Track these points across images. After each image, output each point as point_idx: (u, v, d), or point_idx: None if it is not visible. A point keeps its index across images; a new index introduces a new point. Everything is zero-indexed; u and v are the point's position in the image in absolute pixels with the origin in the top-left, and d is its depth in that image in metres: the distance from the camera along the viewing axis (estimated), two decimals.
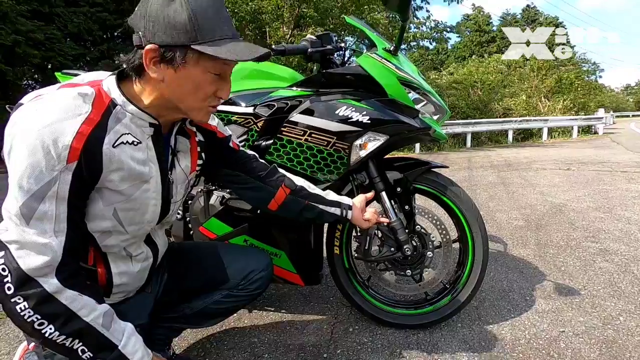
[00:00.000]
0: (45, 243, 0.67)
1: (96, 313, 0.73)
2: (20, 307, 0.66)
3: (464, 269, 1.38)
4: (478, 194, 3.82)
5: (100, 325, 0.73)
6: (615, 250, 2.15)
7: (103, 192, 0.74)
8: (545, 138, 11.61)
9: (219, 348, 1.33)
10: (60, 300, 0.68)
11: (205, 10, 0.70)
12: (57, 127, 0.65)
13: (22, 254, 0.66)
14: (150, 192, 0.81)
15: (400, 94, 1.22)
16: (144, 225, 0.85)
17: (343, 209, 1.13)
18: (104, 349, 0.74)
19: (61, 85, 0.73)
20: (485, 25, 37.34)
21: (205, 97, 0.77)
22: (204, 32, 0.70)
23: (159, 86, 0.75)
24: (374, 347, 1.32)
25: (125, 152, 0.74)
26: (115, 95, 0.74)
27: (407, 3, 1.07)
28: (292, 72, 1.48)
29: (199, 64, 0.72)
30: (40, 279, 0.67)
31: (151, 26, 0.69)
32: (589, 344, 1.30)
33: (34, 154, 0.64)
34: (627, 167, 5.19)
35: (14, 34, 7.46)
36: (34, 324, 0.67)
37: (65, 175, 0.67)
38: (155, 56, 0.70)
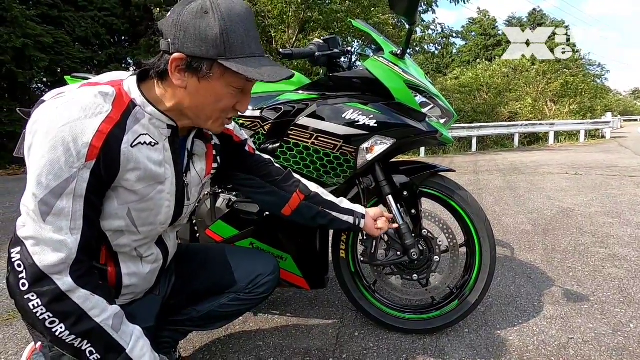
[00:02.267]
0: (61, 240, 0.67)
1: (107, 314, 0.73)
2: (33, 303, 0.67)
3: (471, 274, 1.37)
4: (484, 198, 3.80)
5: (110, 327, 0.73)
6: (625, 256, 2.12)
7: (119, 191, 0.75)
8: (552, 142, 11.52)
9: (225, 351, 1.33)
10: (72, 299, 0.68)
11: (236, 27, 0.72)
12: (77, 124, 0.66)
13: (37, 250, 0.67)
14: (164, 193, 0.82)
15: (407, 97, 1.22)
16: (156, 227, 0.85)
17: (356, 217, 1.14)
18: (112, 351, 0.74)
19: (82, 84, 0.74)
20: (490, 29, 37.25)
21: (224, 109, 0.79)
22: (233, 48, 0.71)
23: (180, 93, 0.76)
24: (380, 351, 1.31)
25: (143, 153, 0.75)
26: (136, 95, 0.76)
27: (414, 7, 1.07)
28: (299, 75, 1.48)
29: (223, 78, 0.74)
30: (54, 276, 0.67)
31: (182, 35, 0.70)
32: (598, 351, 1.28)
33: (54, 150, 0.65)
34: (635, 172, 5.13)
35: (23, 37, 7.57)
36: (45, 321, 0.68)
37: (83, 173, 0.67)
38: (180, 64, 0.72)
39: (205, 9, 0.70)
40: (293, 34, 9.93)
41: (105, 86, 0.73)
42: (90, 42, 10.17)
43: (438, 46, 16.49)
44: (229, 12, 0.71)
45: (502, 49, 34.53)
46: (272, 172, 1.09)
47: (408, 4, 1.05)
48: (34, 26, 7.95)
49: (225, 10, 0.71)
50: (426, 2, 12.12)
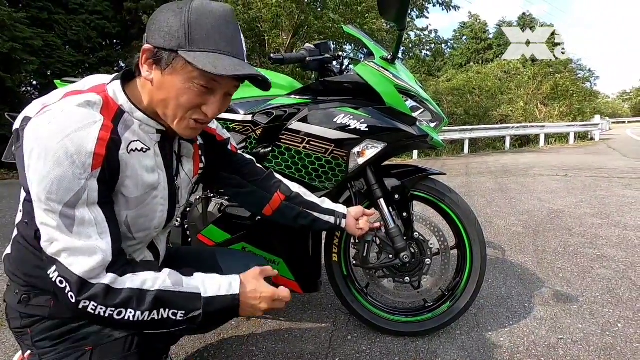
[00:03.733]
0: (94, 245, 0.68)
1: (160, 279, 0.73)
2: (90, 308, 0.67)
3: (462, 276, 1.38)
4: (476, 200, 3.83)
5: (172, 285, 0.73)
6: (613, 257, 2.15)
7: (118, 197, 0.75)
8: (543, 144, 11.68)
9: (217, 356, 1.32)
10: (120, 287, 0.69)
11: (203, 21, 0.70)
12: (77, 135, 0.66)
13: (73, 261, 0.67)
14: (158, 198, 0.82)
15: (397, 101, 1.23)
16: (151, 232, 0.85)
17: (337, 217, 1.14)
18: (191, 302, 0.74)
19: (65, 94, 0.73)
20: (481, 32, 37.75)
21: (187, 106, 0.74)
22: (195, 40, 0.69)
23: (148, 88, 0.75)
24: (373, 355, 1.32)
25: (136, 160, 0.75)
26: (123, 101, 0.75)
27: (403, 12, 1.09)
28: (291, 80, 1.49)
29: (184, 72, 0.71)
30: (94, 280, 0.67)
31: (152, 27, 0.71)
32: (587, 351, 1.30)
33: (59, 166, 0.64)
34: (623, 173, 5.22)
35: (11, 41, 7.46)
36: (112, 316, 0.68)
37: (92, 183, 0.67)
38: (149, 56, 0.72)
39: (180, 5, 0.70)
40: (287, 37, 9.95)
41: (89, 94, 0.72)
42: (81, 45, 10.08)
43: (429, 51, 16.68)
44: (199, 8, 0.70)
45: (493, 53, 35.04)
46: (253, 172, 1.09)
47: (398, 10, 1.07)
48: (23, 29, 7.85)
49: (197, 7, 0.70)
50: (418, 9, 12.26)
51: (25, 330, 0.81)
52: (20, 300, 0.80)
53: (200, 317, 0.74)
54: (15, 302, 0.81)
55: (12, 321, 0.83)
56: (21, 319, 0.81)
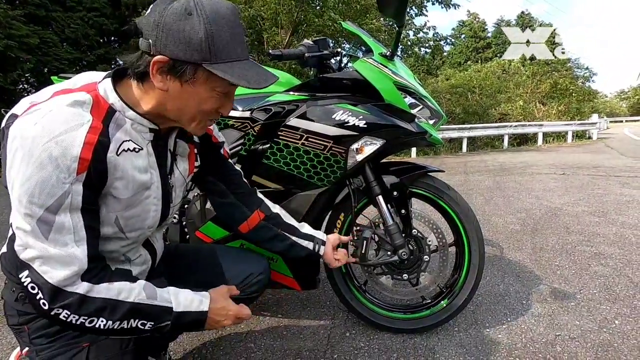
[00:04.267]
0: (69, 254, 0.66)
1: (136, 290, 0.74)
2: (63, 316, 0.67)
3: (460, 273, 1.39)
4: (474, 198, 3.84)
5: (146, 298, 0.74)
6: (610, 254, 2.16)
7: (107, 199, 0.74)
8: (541, 143, 11.70)
9: (215, 353, 1.32)
10: (95, 296, 0.69)
11: (222, 30, 0.69)
12: (63, 139, 0.64)
13: (47, 269, 0.65)
14: (151, 198, 0.81)
15: (396, 98, 1.23)
16: (144, 231, 0.84)
17: (316, 244, 1.11)
18: (162, 315, 0.76)
19: (54, 93, 0.71)
20: (480, 31, 37.75)
21: (206, 112, 0.77)
22: (218, 53, 0.69)
23: (161, 96, 0.74)
24: (371, 351, 1.32)
25: (128, 160, 0.74)
26: (114, 100, 0.73)
27: (402, 9, 1.08)
28: (289, 76, 1.49)
29: (207, 83, 0.72)
30: (69, 288, 0.67)
31: (164, 37, 0.67)
32: (584, 348, 1.30)
33: (42, 168, 0.63)
34: (621, 172, 5.24)
35: (6, 38, 7.39)
36: (84, 324, 0.69)
37: (76, 187, 0.66)
38: (162, 67, 0.69)
39: (189, 9, 0.67)
40: (286, 35, 9.92)
41: (79, 93, 0.70)
42: (79, 42, 10.02)
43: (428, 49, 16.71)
44: (214, 15, 0.68)
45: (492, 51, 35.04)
46: (239, 184, 1.07)
47: (397, 6, 1.07)
48: (19, 26, 7.78)
49: (210, 13, 0.68)
50: (417, 6, 12.24)
51: (22, 328, 0.81)
52: (17, 298, 0.80)
53: (167, 328, 0.77)
54: (12, 299, 0.80)
55: (10, 318, 0.83)
56: (18, 317, 0.81)
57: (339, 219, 1.40)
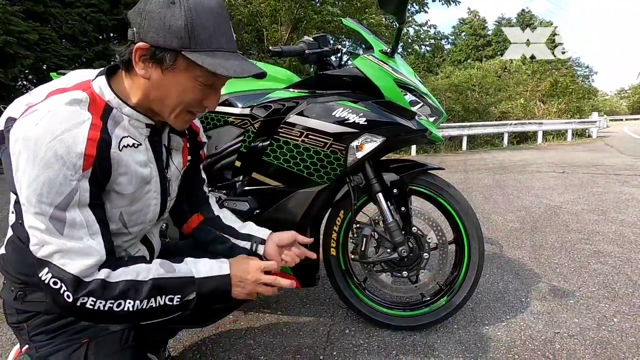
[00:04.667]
0: (87, 246, 0.67)
1: (153, 268, 0.75)
2: (89, 304, 0.67)
3: (460, 271, 1.39)
4: (474, 196, 3.84)
5: (165, 273, 0.75)
6: (609, 252, 2.17)
7: (111, 195, 0.74)
8: (540, 141, 11.70)
9: (215, 350, 1.33)
10: (116, 280, 0.70)
11: (203, 20, 0.69)
12: (66, 137, 0.64)
13: (66, 261, 0.66)
14: (152, 192, 0.83)
15: (396, 95, 1.22)
16: (145, 225, 0.85)
17: (253, 243, 1.03)
18: (186, 286, 0.76)
19: (49, 93, 0.71)
20: (480, 29, 37.65)
21: (189, 103, 0.76)
22: (198, 41, 0.69)
23: (144, 84, 0.74)
24: (370, 348, 1.32)
25: (129, 156, 0.74)
26: (110, 97, 0.73)
27: (403, 6, 1.08)
28: (289, 73, 1.48)
29: (188, 71, 0.72)
30: (88, 277, 0.67)
31: (146, 24, 0.68)
32: (583, 345, 1.31)
33: (49, 167, 0.63)
34: (620, 170, 5.25)
35: (5, 34, 7.36)
36: (112, 308, 0.69)
37: (83, 184, 0.67)
38: (144, 54, 0.70)
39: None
40: (285, 31, 9.88)
41: (75, 92, 0.70)
42: (77, 39, 9.97)
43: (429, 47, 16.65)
44: (196, 4, 0.69)
45: (492, 49, 34.97)
46: (198, 188, 1.05)
47: (397, 3, 1.06)
48: (18, 22, 7.74)
49: (192, 2, 0.69)
50: (418, 3, 12.19)
51: (21, 325, 0.82)
52: (16, 297, 0.80)
53: (194, 301, 0.76)
54: (11, 298, 0.81)
55: (9, 317, 0.83)
56: (17, 315, 0.81)
57: (338, 216, 1.40)
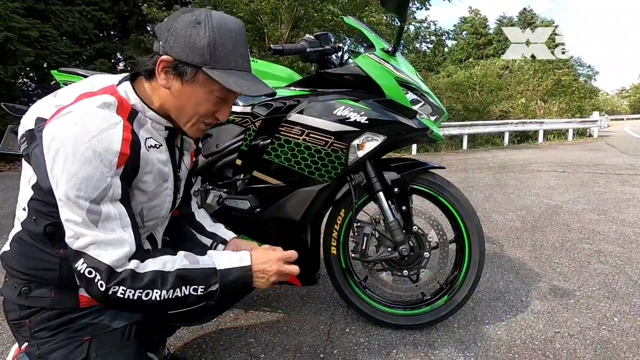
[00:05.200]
0: (119, 238, 0.72)
1: (178, 260, 0.80)
2: (120, 293, 0.72)
3: (460, 270, 1.39)
4: (474, 195, 3.84)
5: (189, 264, 0.80)
6: (610, 252, 2.17)
7: (133, 192, 0.80)
8: (541, 140, 11.69)
9: (215, 348, 1.33)
10: (144, 271, 0.75)
11: (225, 41, 0.76)
12: (104, 136, 0.70)
13: (100, 252, 0.71)
14: (168, 189, 0.89)
15: (398, 94, 1.22)
16: (158, 220, 0.91)
17: (215, 241, 1.09)
18: (209, 277, 0.80)
19: (79, 96, 0.76)
20: (482, 28, 37.55)
21: (203, 114, 0.83)
22: (218, 59, 0.76)
23: (164, 93, 0.80)
24: (371, 347, 1.32)
25: (154, 155, 0.81)
26: (135, 101, 0.80)
27: (405, 4, 1.07)
28: (290, 71, 1.48)
29: (206, 85, 0.78)
30: (120, 268, 0.72)
31: (172, 40, 0.75)
32: (584, 345, 1.31)
33: (88, 164, 0.69)
34: (621, 170, 5.24)
35: (6, 31, 7.35)
36: (141, 297, 0.73)
37: (115, 180, 0.72)
38: (167, 66, 0.76)
39: (199, 20, 0.75)
40: (286, 30, 9.86)
41: (104, 95, 0.76)
42: (78, 36, 9.96)
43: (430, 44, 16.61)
44: (219, 27, 0.76)
45: (494, 48, 34.88)
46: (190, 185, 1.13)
47: (399, 1, 1.06)
48: (19, 19, 7.73)
49: (217, 25, 0.75)
50: (419, 1, 12.15)
51: (23, 322, 0.82)
52: (20, 292, 0.81)
53: (218, 291, 0.81)
54: (15, 295, 0.81)
55: (10, 313, 0.84)
56: (20, 310, 0.82)
57: (339, 215, 1.40)
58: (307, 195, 1.27)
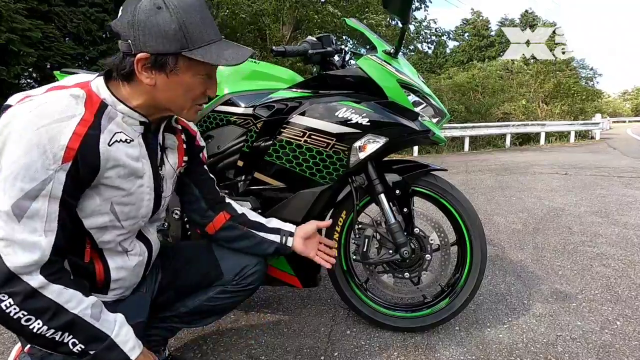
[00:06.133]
0: (35, 241, 0.67)
1: (84, 305, 0.73)
2: (5, 304, 0.66)
3: (462, 272, 1.38)
4: (476, 197, 3.83)
5: (90, 317, 0.73)
6: (612, 255, 2.15)
7: (100, 188, 0.77)
8: (543, 142, 11.66)
9: (216, 349, 1.33)
10: (45, 294, 0.68)
11: (192, 17, 0.74)
12: (53, 127, 0.67)
13: (9, 252, 0.66)
14: (144, 187, 0.85)
15: (399, 96, 1.22)
16: (138, 220, 0.88)
17: (283, 236, 1.09)
18: (96, 340, 0.74)
19: (50, 88, 0.75)
20: (484, 29, 37.55)
21: (195, 97, 0.83)
22: (193, 39, 0.74)
23: (150, 90, 0.78)
24: (372, 349, 1.32)
25: (120, 150, 0.77)
26: (105, 95, 0.77)
27: (407, 6, 1.08)
28: (292, 73, 1.48)
29: (190, 69, 0.77)
30: (24, 276, 0.67)
31: (141, 35, 0.72)
32: (586, 348, 1.30)
33: (30, 153, 0.65)
34: (623, 172, 5.22)
35: (8, 32, 7.37)
36: (20, 320, 0.67)
37: (59, 175, 0.68)
38: (146, 63, 0.74)
39: (157, 4, 0.72)
40: (288, 31, 9.88)
41: (74, 89, 0.74)
42: (81, 38, 10.00)
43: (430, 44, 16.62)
44: (181, 4, 0.73)
45: (495, 50, 34.83)
46: (211, 189, 1.09)
47: (402, 3, 1.06)
48: (22, 20, 7.76)
49: (177, 2, 0.73)
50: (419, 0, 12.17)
51: None
52: None
53: (90, 356, 0.73)
54: None
55: None
56: None
57: (340, 217, 1.39)
58: (308, 196, 1.26)
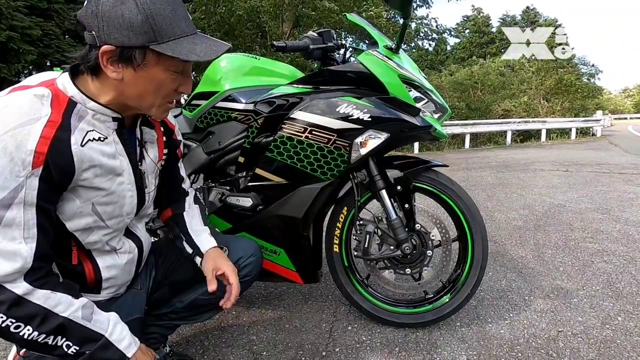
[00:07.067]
0: (15, 250, 0.65)
1: (74, 307, 0.71)
2: None
3: (463, 268, 1.38)
4: (477, 194, 3.83)
5: (81, 318, 0.72)
6: (614, 251, 2.15)
7: (78, 190, 0.74)
8: (544, 139, 11.64)
9: (217, 345, 1.33)
10: (32, 300, 0.66)
11: (160, 8, 0.68)
12: (18, 132, 0.63)
13: None
14: (125, 184, 0.82)
15: (401, 92, 1.21)
16: (123, 218, 0.85)
17: (195, 254, 1.03)
18: (90, 341, 0.72)
19: (12, 89, 0.70)
20: (484, 26, 37.38)
21: (166, 94, 0.77)
22: (162, 32, 0.69)
23: (118, 85, 0.73)
24: (373, 345, 1.32)
25: (94, 149, 0.74)
26: (73, 92, 0.73)
27: (408, 1, 1.07)
28: (293, 69, 1.47)
29: (160, 64, 0.72)
30: (8, 284, 0.65)
31: (105, 26, 0.67)
32: (587, 344, 1.30)
33: None
34: (624, 169, 5.21)
35: (8, 29, 7.36)
36: (9, 328, 0.65)
37: (31, 181, 0.65)
38: (112, 56, 0.69)
39: None
40: (288, 27, 9.84)
41: (38, 88, 0.70)
42: (80, 35, 9.96)
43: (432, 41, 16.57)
44: None
45: (496, 47, 34.69)
46: (176, 184, 1.08)
47: None
48: (22, 17, 7.75)
49: None
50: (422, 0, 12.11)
51: None
52: None
53: (85, 355, 0.72)
54: None
55: None
56: None
57: (341, 213, 1.39)
58: (309, 192, 1.26)
